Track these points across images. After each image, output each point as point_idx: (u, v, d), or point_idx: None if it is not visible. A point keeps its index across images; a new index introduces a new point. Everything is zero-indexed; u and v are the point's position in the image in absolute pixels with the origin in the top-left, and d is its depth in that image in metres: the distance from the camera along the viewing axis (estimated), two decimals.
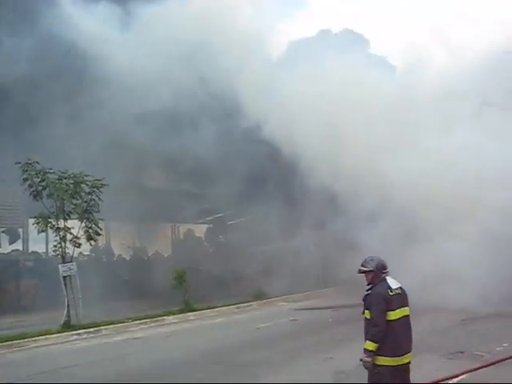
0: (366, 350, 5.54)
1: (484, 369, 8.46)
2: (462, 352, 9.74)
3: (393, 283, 5.69)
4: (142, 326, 15.24)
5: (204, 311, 17.06)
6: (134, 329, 14.98)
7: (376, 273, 5.70)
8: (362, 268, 5.80)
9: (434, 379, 7.83)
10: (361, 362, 5.60)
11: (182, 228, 31.65)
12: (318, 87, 17.39)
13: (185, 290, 17.17)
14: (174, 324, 15.75)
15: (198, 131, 17.35)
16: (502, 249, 14.10)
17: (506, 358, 8.86)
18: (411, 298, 5.79)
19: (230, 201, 20.27)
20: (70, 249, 15.39)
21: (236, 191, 18.98)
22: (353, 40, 20.27)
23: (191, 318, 16.51)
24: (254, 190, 18.90)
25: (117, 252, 29.16)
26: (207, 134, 17.37)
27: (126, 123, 16.72)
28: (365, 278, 5.80)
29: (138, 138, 17.24)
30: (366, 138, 16.67)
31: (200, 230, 31.96)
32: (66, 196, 14.98)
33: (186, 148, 17.12)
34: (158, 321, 15.84)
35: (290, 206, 18.09)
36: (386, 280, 5.69)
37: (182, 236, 31.74)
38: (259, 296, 19.02)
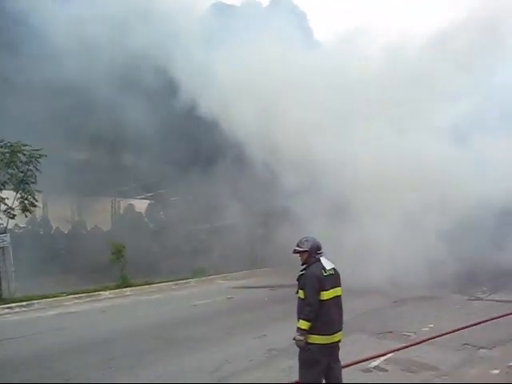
0: (299, 329, 5.70)
1: (409, 348, 8.91)
2: (390, 332, 10.13)
3: (327, 264, 5.86)
4: (76, 301, 15.00)
5: (141, 287, 16.95)
6: (69, 303, 14.73)
7: (310, 253, 5.86)
8: (297, 248, 5.95)
9: (362, 357, 8.19)
10: (294, 340, 5.78)
11: (123, 203, 31.27)
12: (251, 63, 17.17)
13: (122, 265, 17.01)
14: (109, 299, 15.57)
15: (137, 107, 16.96)
16: (423, 233, 14.71)
17: (430, 338, 9.38)
18: (345, 279, 6.01)
19: (171, 177, 20.13)
20: (3, 220, 14.94)
21: (177, 168, 18.88)
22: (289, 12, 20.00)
23: (128, 293, 16.38)
24: (194, 167, 18.81)
25: (55, 225, 28.55)
26: (147, 109, 17.04)
27: (67, 94, 16.18)
28: (299, 258, 5.96)
29: (80, 110, 16.80)
30: (299, 115, 16.63)
31: (141, 205, 31.61)
32: (0, 165, 14.50)
33: (127, 123, 16.77)
34: (93, 296, 15.62)
35: (229, 183, 18.04)
36: (320, 260, 5.86)
37: (122, 211, 31.36)
38: (198, 273, 19.06)
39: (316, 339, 5.68)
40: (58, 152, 16.73)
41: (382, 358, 8.32)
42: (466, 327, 10.12)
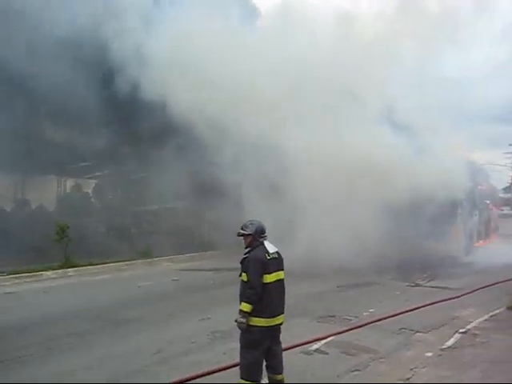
0: (241, 311, 5.75)
1: (350, 331, 9.14)
2: (332, 316, 10.34)
3: (270, 247, 5.93)
4: (16, 281, 14.57)
5: (85, 268, 16.62)
6: (7, 283, 14.30)
7: (255, 236, 5.91)
8: (241, 231, 5.98)
9: (304, 340, 8.35)
10: (235, 323, 5.83)
11: (70, 182, 30.54)
12: (190, 42, 16.91)
13: (66, 244, 16.63)
14: (52, 280, 15.22)
15: (78, 85, 16.42)
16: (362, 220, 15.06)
17: (370, 322, 9.67)
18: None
19: (119, 158, 19.75)
20: None
21: (125, 148, 18.56)
22: None
23: (71, 274, 16.05)
24: (142, 148, 18.52)
25: None
26: (91, 88, 16.56)
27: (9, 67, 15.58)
28: (243, 241, 6.00)
29: (24, 84, 16.17)
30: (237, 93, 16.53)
31: (88, 185, 30.97)
32: None
33: (72, 100, 16.27)
34: (35, 276, 15.22)
35: (178, 164, 17.78)
36: (263, 244, 5.91)
37: (68, 190, 30.62)
38: (145, 255, 18.87)
39: (258, 322, 5.74)
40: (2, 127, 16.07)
41: (323, 341, 8.50)
42: (405, 312, 10.49)
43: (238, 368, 6.00)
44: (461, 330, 9.05)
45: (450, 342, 8.43)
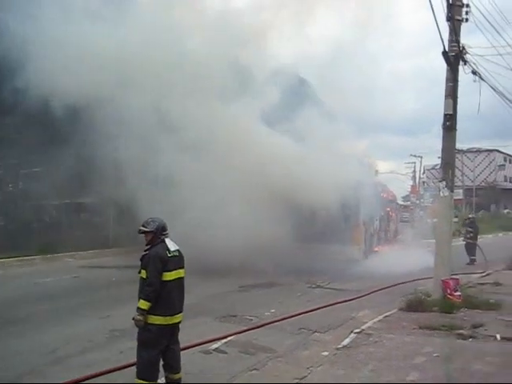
0: (139, 309, 5.67)
1: (250, 331, 9.26)
2: (234, 316, 10.43)
3: (171, 245, 5.89)
4: None
5: None
6: None
7: (156, 234, 5.86)
8: (143, 228, 5.91)
9: (204, 339, 8.36)
10: (133, 320, 5.74)
11: None
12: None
13: None
14: None
15: None
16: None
17: (270, 322, 9.85)
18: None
19: (23, 149, 18.80)
20: None
21: (31, 141, 17.68)
22: None
23: None
24: (48, 141, 17.73)
25: None
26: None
27: None
28: (145, 239, 5.93)
29: None
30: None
31: None
32: None
33: None
34: None
35: (84, 160, 17.19)
36: (164, 241, 5.87)
37: None
38: (45, 250, 18.09)
39: (156, 320, 5.69)
40: None
41: (223, 341, 8.56)
42: (305, 312, 10.77)
43: (134, 367, 5.90)
44: (356, 330, 9.38)
45: (345, 342, 8.71)
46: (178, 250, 5.94)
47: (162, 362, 5.89)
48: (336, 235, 16.87)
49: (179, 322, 5.96)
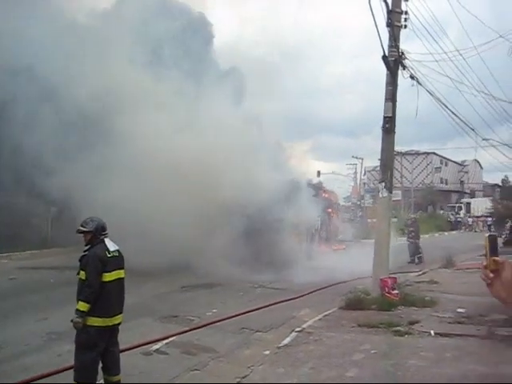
0: (77, 311, 5.58)
1: (191, 332, 9.23)
2: (175, 316, 10.37)
3: (111, 245, 5.81)
4: None
5: None
6: None
7: (95, 234, 5.76)
8: (81, 228, 5.81)
9: (144, 340, 8.27)
10: (72, 323, 5.63)
11: None
12: None
13: None
14: None
15: None
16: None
17: (211, 322, 9.85)
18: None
19: None
20: None
21: None
22: None
23: None
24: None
25: None
26: None
27: None
28: (84, 239, 5.82)
29: None
30: None
31: None
32: None
33: None
34: None
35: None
36: (104, 242, 5.78)
37: None
38: None
39: (95, 321, 5.60)
40: None
41: (164, 342, 8.51)
42: (246, 312, 10.80)
43: (72, 371, 5.78)
44: (297, 329, 9.51)
45: (286, 341, 8.81)
46: (117, 251, 5.87)
47: (100, 365, 5.81)
48: (276, 236, 17.00)
49: (119, 324, 5.89)
